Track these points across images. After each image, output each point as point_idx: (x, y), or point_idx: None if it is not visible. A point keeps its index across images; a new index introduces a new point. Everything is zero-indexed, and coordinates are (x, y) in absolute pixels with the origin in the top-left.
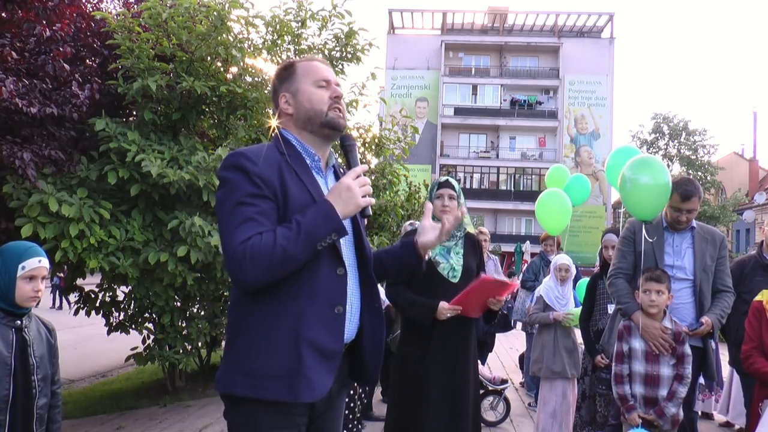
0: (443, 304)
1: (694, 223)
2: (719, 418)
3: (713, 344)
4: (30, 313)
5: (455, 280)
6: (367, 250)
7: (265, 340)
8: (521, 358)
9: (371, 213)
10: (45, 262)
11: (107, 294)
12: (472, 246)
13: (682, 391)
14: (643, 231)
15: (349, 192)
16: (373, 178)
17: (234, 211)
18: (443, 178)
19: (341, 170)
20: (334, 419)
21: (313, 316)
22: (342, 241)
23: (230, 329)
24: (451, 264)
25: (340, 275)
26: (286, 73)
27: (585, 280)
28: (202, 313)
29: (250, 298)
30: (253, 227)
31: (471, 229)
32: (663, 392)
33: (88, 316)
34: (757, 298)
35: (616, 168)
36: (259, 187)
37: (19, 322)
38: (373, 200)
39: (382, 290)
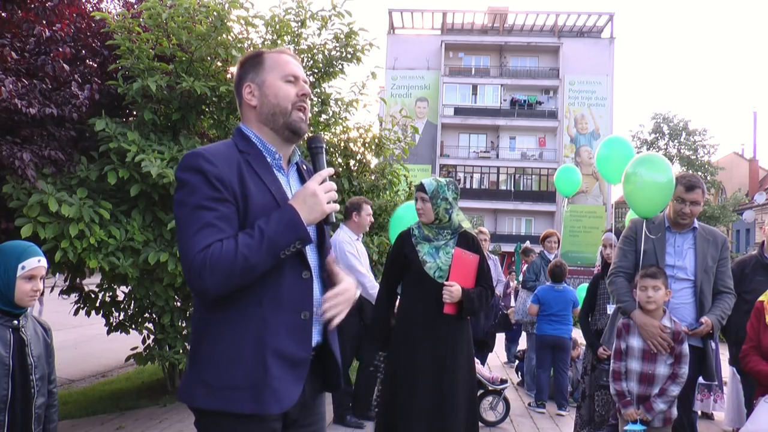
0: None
1: (696, 223)
2: (719, 417)
3: (713, 345)
4: (26, 313)
5: (442, 280)
6: (328, 254)
7: (229, 349)
8: (518, 357)
9: (335, 220)
10: (44, 262)
11: (107, 294)
12: (467, 244)
13: (674, 389)
14: (644, 228)
15: (315, 198)
16: (373, 178)
17: (193, 215)
18: (419, 181)
19: (304, 167)
20: (314, 426)
21: (278, 323)
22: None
23: (194, 337)
24: (438, 264)
25: (305, 279)
26: (254, 62)
27: (584, 286)
28: None
29: (213, 305)
30: (213, 234)
31: (467, 225)
32: (657, 391)
33: (88, 316)
34: (761, 298)
35: (606, 159)
36: (218, 190)
37: (16, 322)
38: (337, 206)
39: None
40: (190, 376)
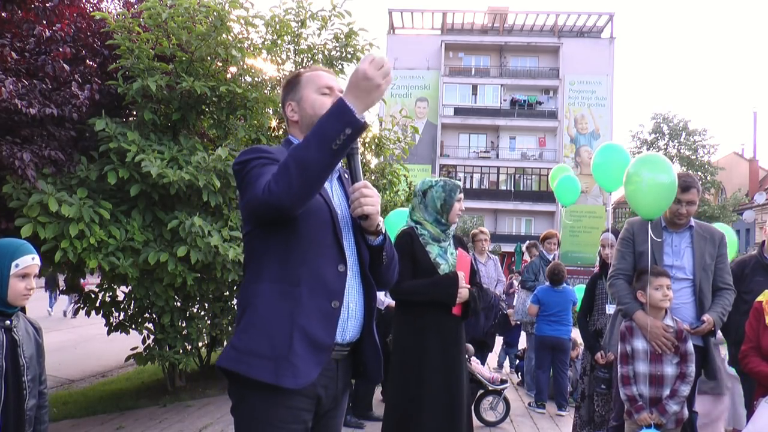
0: (461, 273)
1: (693, 222)
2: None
3: (713, 341)
4: (17, 313)
5: None
6: (364, 251)
7: (262, 320)
8: (518, 356)
9: (383, 228)
10: (37, 260)
11: (107, 294)
12: (459, 245)
13: (684, 389)
14: (649, 230)
15: (367, 80)
16: (373, 178)
17: (258, 171)
18: (459, 182)
19: (345, 176)
20: (338, 418)
21: (311, 305)
22: (344, 242)
23: (239, 310)
24: (450, 264)
25: (340, 272)
26: (292, 83)
27: (580, 287)
28: (202, 313)
29: (257, 279)
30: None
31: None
32: (668, 392)
33: (88, 316)
34: (759, 298)
35: (602, 167)
36: (275, 160)
37: (8, 322)
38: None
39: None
40: (229, 342)
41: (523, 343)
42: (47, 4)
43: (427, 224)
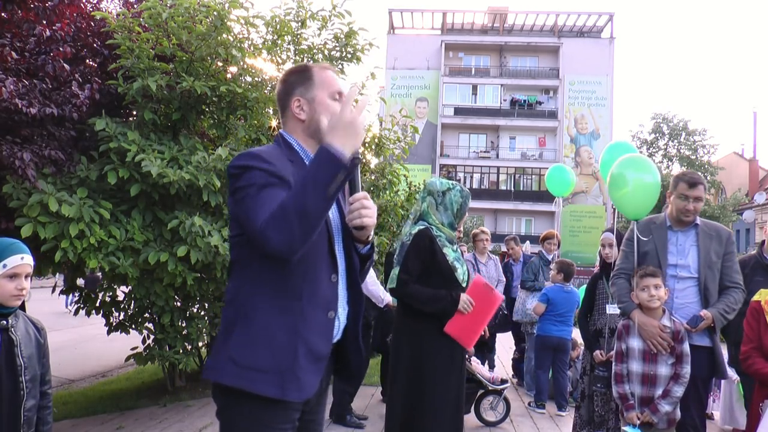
0: (464, 296)
1: (699, 220)
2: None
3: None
4: (17, 312)
5: (465, 284)
6: (355, 257)
7: (264, 334)
8: (517, 358)
9: (373, 239)
10: (28, 259)
11: (107, 294)
12: None
13: (678, 390)
14: (635, 230)
15: (353, 126)
16: (373, 178)
17: (257, 194)
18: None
19: None
20: (319, 414)
21: (312, 318)
22: (336, 249)
23: (230, 319)
24: (465, 269)
25: (333, 282)
26: (302, 77)
27: (583, 288)
28: (202, 313)
29: (253, 289)
30: (273, 203)
31: None
32: (660, 392)
33: (88, 316)
34: (755, 297)
35: (610, 164)
36: (278, 178)
37: (5, 322)
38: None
39: (380, 289)
40: (220, 354)
41: (507, 344)
42: (47, 4)
43: (442, 227)
